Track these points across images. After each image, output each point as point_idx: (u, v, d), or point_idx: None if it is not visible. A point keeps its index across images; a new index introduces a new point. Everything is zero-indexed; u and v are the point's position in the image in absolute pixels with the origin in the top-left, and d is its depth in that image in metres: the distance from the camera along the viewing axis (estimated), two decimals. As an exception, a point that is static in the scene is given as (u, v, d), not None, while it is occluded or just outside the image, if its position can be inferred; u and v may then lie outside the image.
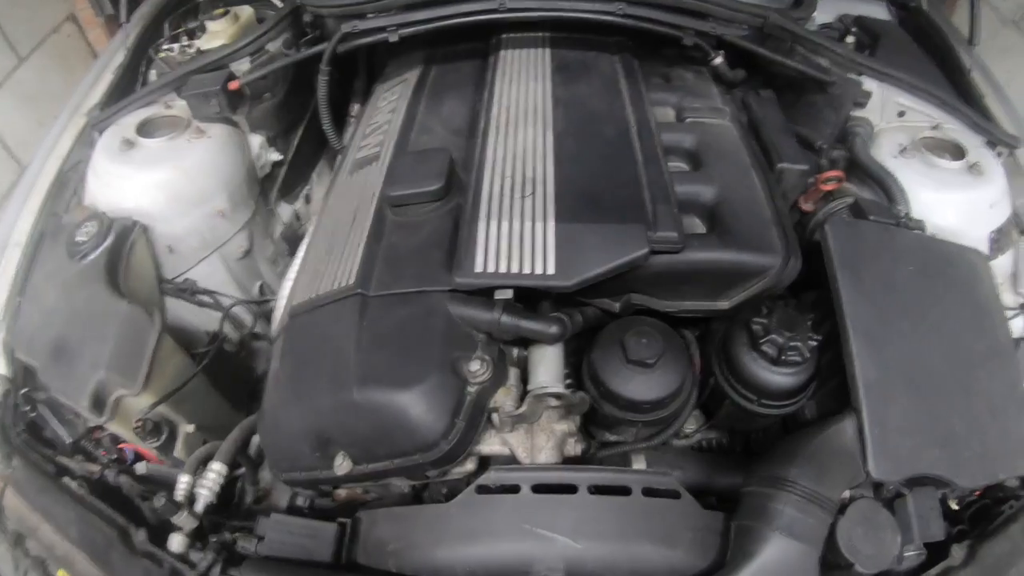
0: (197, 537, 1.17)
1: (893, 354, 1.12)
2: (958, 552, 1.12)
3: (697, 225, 1.27)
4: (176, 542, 1.13)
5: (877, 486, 1.09)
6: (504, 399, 1.10)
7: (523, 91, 1.44)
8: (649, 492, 1.03)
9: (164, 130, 1.64)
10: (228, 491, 1.27)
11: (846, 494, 1.06)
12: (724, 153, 1.34)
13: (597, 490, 1.04)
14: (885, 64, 1.56)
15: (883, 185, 1.40)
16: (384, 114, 1.57)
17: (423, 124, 1.47)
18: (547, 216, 1.16)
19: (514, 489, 1.04)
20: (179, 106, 1.70)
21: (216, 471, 1.20)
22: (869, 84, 1.54)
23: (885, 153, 1.50)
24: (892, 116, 1.58)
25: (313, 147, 1.94)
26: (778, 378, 1.10)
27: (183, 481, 1.20)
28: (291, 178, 1.88)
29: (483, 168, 1.27)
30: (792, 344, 1.07)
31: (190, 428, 1.44)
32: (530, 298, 1.16)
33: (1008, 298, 1.49)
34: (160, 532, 1.18)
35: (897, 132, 1.55)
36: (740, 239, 1.18)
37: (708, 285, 1.21)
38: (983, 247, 1.45)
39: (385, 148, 1.43)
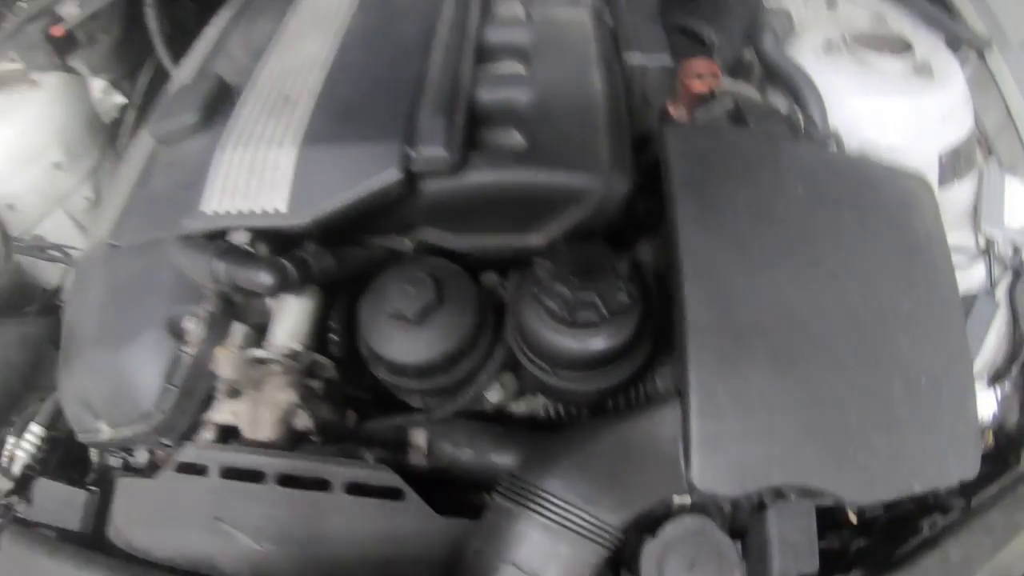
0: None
1: (755, 313, 0.69)
2: (840, 599, 0.72)
3: (517, 139, 0.87)
4: None
5: (735, 503, 0.70)
6: (221, 362, 0.79)
7: None
8: (356, 489, 0.69)
9: (2, 86, 1.41)
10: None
11: (687, 500, 0.68)
12: (563, 50, 0.89)
13: (289, 481, 0.71)
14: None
15: (790, 86, 0.96)
16: (202, 43, 1.24)
17: (228, 49, 1.14)
18: (292, 140, 0.80)
19: (202, 471, 0.76)
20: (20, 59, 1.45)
21: (34, 433, 1.01)
22: (784, -37, 1.08)
23: (806, 50, 1.03)
24: (819, 7, 1.12)
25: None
26: (569, 343, 0.67)
27: (8, 442, 1.02)
28: (145, 120, 1.60)
29: (249, 90, 0.93)
30: (584, 298, 0.66)
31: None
32: (293, 240, 0.83)
33: (966, 238, 1.04)
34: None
35: (825, 25, 1.08)
36: (549, 154, 0.76)
37: (511, 214, 0.79)
38: (932, 171, 1.00)
39: (185, 79, 1.11)
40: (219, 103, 0.93)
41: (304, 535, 0.68)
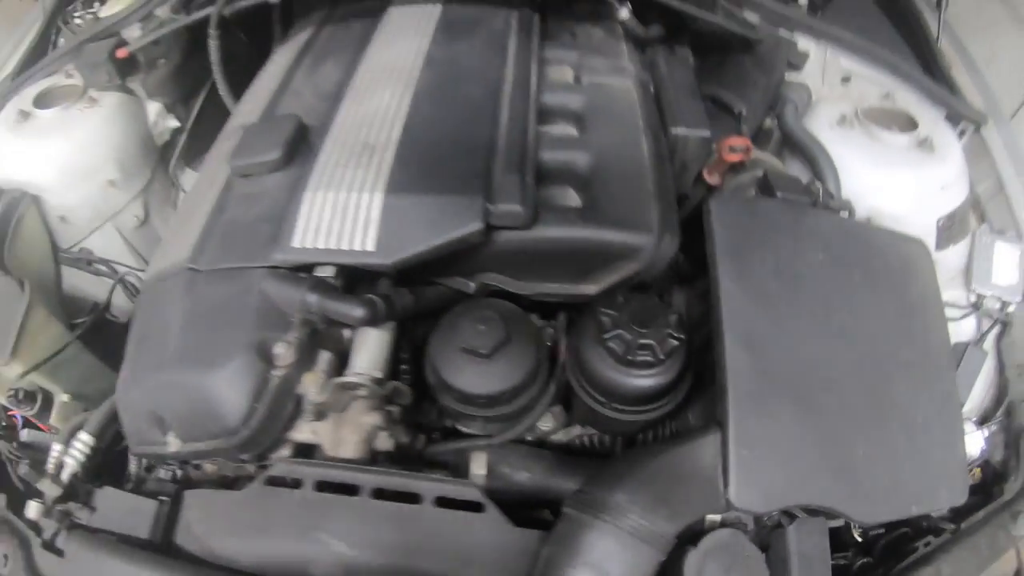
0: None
1: (781, 360, 0.85)
2: (850, 603, 0.87)
3: (572, 198, 1.02)
4: (32, 509, 1.00)
5: (758, 519, 0.85)
6: (309, 386, 0.91)
7: (396, 51, 1.19)
8: (444, 502, 0.82)
9: (61, 100, 1.52)
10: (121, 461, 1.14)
11: (717, 517, 0.83)
12: (613, 116, 1.07)
13: (382, 495, 0.84)
14: (830, 23, 1.27)
15: (810, 158, 1.12)
16: (265, 79, 1.37)
17: (295, 89, 1.26)
18: (377, 186, 0.94)
19: (297, 484, 0.87)
20: (79, 75, 1.58)
21: (83, 441, 1.08)
22: (805, 44, 1.25)
23: (823, 123, 1.21)
24: (835, 82, 1.29)
25: (221, 112, 1.75)
26: (627, 380, 0.83)
27: (55, 449, 1.09)
28: (195, 144, 1.69)
29: (327, 134, 1.07)
30: (643, 342, 0.82)
31: (65, 397, 1.34)
32: (367, 277, 0.96)
33: (959, 295, 1.20)
34: (26, 499, 1.05)
35: (840, 100, 1.25)
36: (607, 214, 0.92)
37: (570, 266, 0.95)
38: (929, 235, 1.16)
39: (252, 115, 1.24)
40: (299, 143, 1.06)
41: (395, 543, 0.81)
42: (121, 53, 1.52)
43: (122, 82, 1.56)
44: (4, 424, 1.33)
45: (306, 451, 0.97)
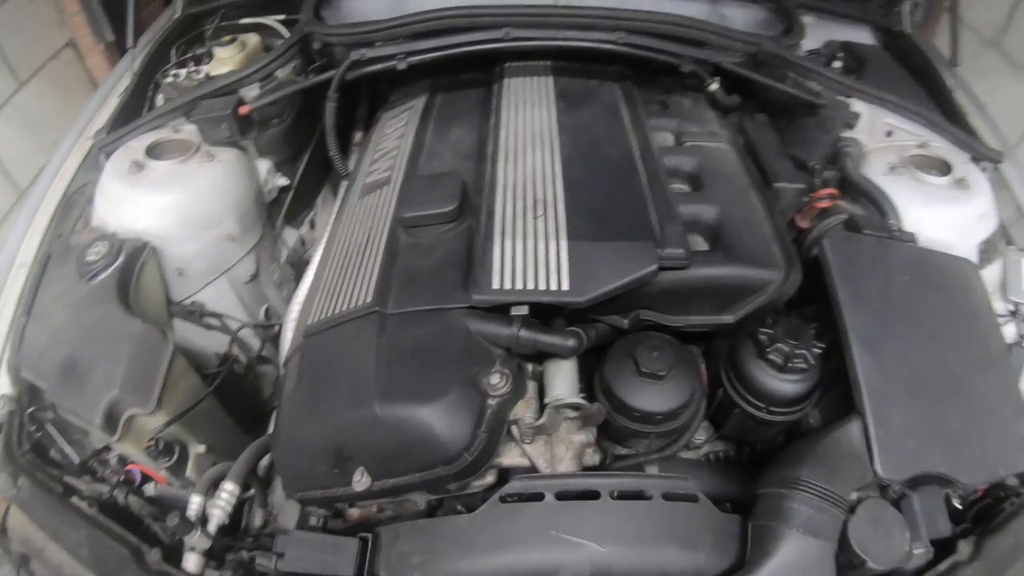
0: (209, 558, 1.18)
1: (893, 359, 1.20)
2: (964, 548, 1.20)
3: (700, 243, 1.36)
4: (192, 561, 1.14)
5: (884, 487, 1.17)
6: (524, 411, 1.17)
7: (529, 117, 1.54)
8: (668, 496, 1.10)
9: (173, 153, 1.68)
10: (236, 514, 1.27)
11: (854, 495, 1.14)
12: (723, 175, 1.44)
13: (619, 495, 1.10)
14: (872, 87, 1.68)
15: (874, 201, 1.51)
16: (392, 140, 1.66)
17: (431, 149, 1.57)
18: (559, 235, 1.25)
19: (538, 497, 1.09)
20: (187, 130, 1.76)
21: (229, 491, 1.22)
22: (858, 106, 1.66)
23: (875, 171, 1.61)
24: (881, 136, 1.70)
25: (317, 173, 2.01)
26: (785, 385, 1.19)
27: (195, 501, 1.22)
28: (296, 204, 1.95)
29: (495, 190, 1.36)
30: (798, 352, 1.17)
31: (201, 449, 1.48)
32: (544, 315, 1.24)
33: (998, 305, 1.59)
34: (172, 552, 1.19)
35: (886, 151, 1.66)
36: (743, 255, 1.28)
37: (714, 300, 1.29)
38: (973, 257, 1.55)
39: (395, 173, 1.53)
40: (467, 198, 1.33)
41: (636, 535, 1.06)
42: (243, 110, 1.70)
43: (239, 139, 1.74)
44: (123, 479, 1.43)
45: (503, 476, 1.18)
